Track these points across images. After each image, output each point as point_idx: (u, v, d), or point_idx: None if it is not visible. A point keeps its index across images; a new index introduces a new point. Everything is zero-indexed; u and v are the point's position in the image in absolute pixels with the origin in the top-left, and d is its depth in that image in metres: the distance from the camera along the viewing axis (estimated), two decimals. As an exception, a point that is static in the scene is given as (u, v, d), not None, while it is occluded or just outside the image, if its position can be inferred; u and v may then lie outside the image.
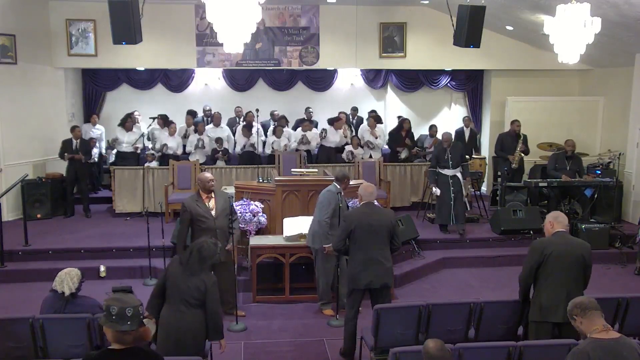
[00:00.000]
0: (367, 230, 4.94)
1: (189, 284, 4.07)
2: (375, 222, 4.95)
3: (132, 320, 2.73)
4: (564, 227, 4.41)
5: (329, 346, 5.50)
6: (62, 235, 8.30)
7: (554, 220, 4.43)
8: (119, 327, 2.73)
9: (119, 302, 2.78)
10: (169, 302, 4.13)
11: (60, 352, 4.23)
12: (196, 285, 4.07)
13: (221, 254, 5.83)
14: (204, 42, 10.37)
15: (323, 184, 7.11)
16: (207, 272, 4.18)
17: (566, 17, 6.25)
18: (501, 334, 4.59)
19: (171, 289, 4.11)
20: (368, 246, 4.95)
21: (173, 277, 4.13)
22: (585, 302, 3.16)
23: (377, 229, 4.95)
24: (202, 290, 4.07)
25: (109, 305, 2.77)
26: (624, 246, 8.22)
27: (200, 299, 4.08)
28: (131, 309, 2.75)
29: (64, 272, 4.35)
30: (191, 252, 4.17)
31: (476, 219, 9.24)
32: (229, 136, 10.26)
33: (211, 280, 4.14)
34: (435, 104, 12.42)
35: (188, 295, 4.06)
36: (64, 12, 10.01)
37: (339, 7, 10.42)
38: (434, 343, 3.14)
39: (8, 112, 9.16)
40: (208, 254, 4.16)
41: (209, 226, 5.78)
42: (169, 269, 4.21)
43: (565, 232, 4.42)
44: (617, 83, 10.10)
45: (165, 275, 4.19)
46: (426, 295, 6.76)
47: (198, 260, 4.13)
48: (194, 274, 4.09)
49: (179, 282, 4.09)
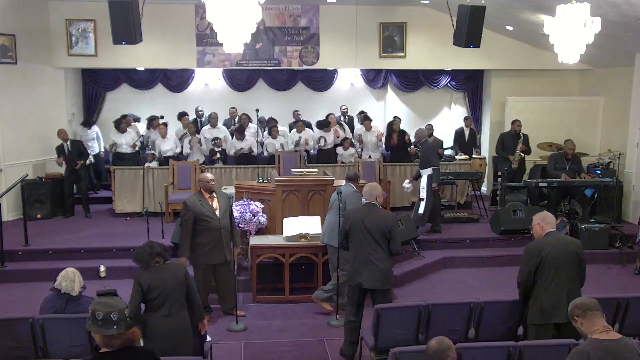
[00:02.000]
0: (361, 230, 4.96)
1: (175, 280, 4.08)
2: (369, 224, 4.94)
3: (118, 324, 2.72)
4: (552, 226, 4.44)
5: (329, 346, 5.50)
6: (62, 235, 8.30)
7: (542, 222, 4.44)
8: (105, 331, 2.71)
9: (104, 306, 2.76)
10: (155, 310, 4.04)
11: (60, 352, 4.23)
12: (180, 278, 4.11)
13: (226, 254, 5.90)
14: (204, 42, 10.37)
15: (323, 184, 7.14)
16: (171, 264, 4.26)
17: (566, 17, 6.25)
18: (501, 334, 4.59)
19: (158, 297, 4.02)
20: (362, 246, 4.96)
21: (156, 284, 4.03)
22: (587, 303, 3.15)
23: (371, 230, 4.94)
24: (184, 279, 4.14)
25: (94, 310, 2.76)
26: (624, 246, 8.21)
27: (185, 290, 4.13)
28: (116, 313, 2.73)
29: (71, 272, 4.36)
30: (148, 255, 4.09)
31: (476, 219, 9.24)
32: (225, 137, 10.24)
33: (184, 266, 4.28)
34: (435, 104, 12.43)
35: (178, 293, 4.09)
36: (64, 12, 10.01)
37: (339, 7, 10.42)
38: (436, 340, 3.15)
39: (8, 112, 9.17)
40: (153, 245, 4.15)
41: (213, 226, 5.79)
42: (144, 284, 4.02)
43: (555, 232, 4.44)
44: (617, 83, 10.10)
45: (142, 292, 4.01)
46: (426, 295, 6.76)
47: (158, 254, 4.12)
48: (144, 265, 4.09)
49: (165, 284, 4.05)
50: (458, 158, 10.54)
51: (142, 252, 4.11)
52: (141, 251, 4.11)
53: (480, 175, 9.71)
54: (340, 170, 9.59)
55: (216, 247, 5.82)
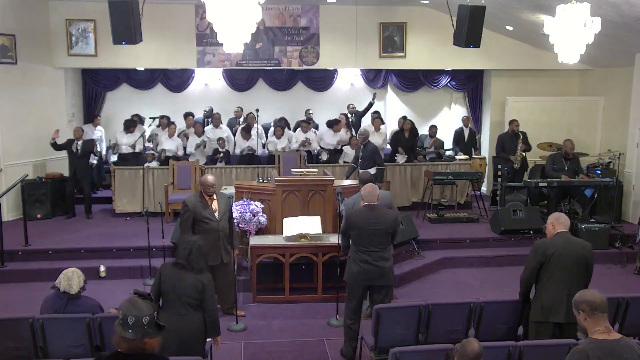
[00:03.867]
0: (365, 232, 4.96)
1: (186, 284, 4.08)
2: (376, 225, 4.97)
3: (133, 329, 2.66)
4: (565, 227, 4.43)
5: (329, 346, 5.50)
6: (62, 235, 8.29)
7: (555, 222, 4.45)
8: (121, 332, 2.69)
9: (128, 306, 2.72)
10: (167, 307, 4.11)
11: (60, 352, 4.23)
12: (193, 285, 4.09)
13: (223, 256, 5.89)
14: (204, 42, 10.37)
15: (323, 184, 7.14)
16: (205, 270, 4.24)
17: (566, 17, 6.25)
18: (501, 334, 4.59)
19: (169, 294, 4.10)
20: (366, 247, 4.97)
21: (169, 281, 4.11)
22: (597, 303, 3.07)
23: (377, 230, 4.97)
24: (199, 288, 4.10)
25: (121, 306, 2.73)
26: (624, 246, 8.22)
27: (197, 298, 4.10)
28: (133, 318, 2.67)
29: (71, 271, 4.36)
30: (191, 250, 4.16)
31: (476, 219, 9.25)
32: (228, 137, 10.25)
33: (207, 278, 4.19)
34: (435, 104, 12.43)
35: (187, 296, 4.07)
36: (64, 12, 10.01)
37: (339, 7, 10.42)
38: (479, 346, 3.16)
39: (8, 112, 9.17)
40: (198, 248, 4.19)
41: (212, 228, 5.79)
42: (163, 274, 4.17)
43: (567, 233, 4.44)
44: (617, 83, 10.10)
45: (160, 281, 4.15)
46: (426, 295, 6.75)
47: (199, 257, 4.16)
48: (197, 272, 4.12)
49: (176, 285, 4.09)
50: (458, 158, 10.54)
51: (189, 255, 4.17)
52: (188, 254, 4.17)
53: (480, 175, 9.71)
54: (340, 171, 9.59)
55: (213, 248, 5.78)
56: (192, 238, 4.31)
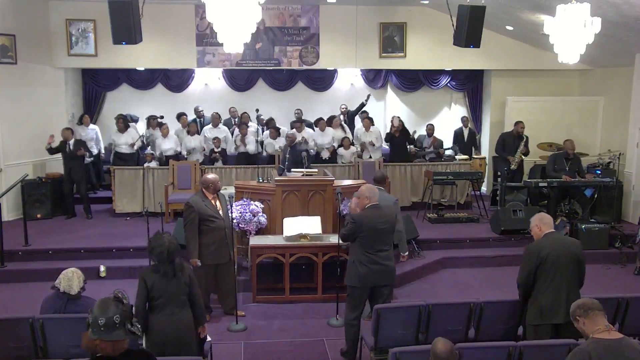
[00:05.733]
0: (374, 233, 4.94)
1: (177, 284, 4.06)
2: (381, 225, 4.97)
3: (113, 329, 2.66)
4: (551, 227, 4.45)
5: (329, 346, 5.50)
6: (62, 235, 8.30)
7: (540, 223, 4.46)
8: (90, 334, 2.66)
9: (97, 308, 2.70)
10: (158, 310, 4.04)
11: (60, 352, 4.23)
12: (183, 283, 4.09)
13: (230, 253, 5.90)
14: (204, 42, 10.37)
15: (323, 184, 7.13)
16: (183, 263, 4.20)
17: (566, 17, 6.25)
18: (501, 334, 4.59)
19: (158, 298, 4.02)
20: (374, 248, 4.95)
21: (157, 287, 4.02)
22: (588, 303, 3.15)
23: (386, 230, 5.00)
24: (188, 282, 4.12)
25: (92, 309, 2.72)
26: (624, 246, 8.22)
27: (187, 293, 4.12)
28: (103, 319, 2.65)
29: (70, 271, 4.35)
30: (168, 251, 4.03)
31: (476, 219, 9.25)
32: (226, 137, 10.24)
33: (188, 269, 4.21)
34: (435, 104, 12.43)
35: (180, 294, 4.07)
36: (64, 12, 10.01)
37: (339, 7, 10.42)
38: (443, 345, 3.17)
39: (8, 112, 9.16)
40: (174, 248, 4.07)
41: (218, 226, 5.82)
42: (148, 281, 4.03)
43: (555, 232, 4.46)
44: (617, 83, 10.10)
45: (146, 289, 4.02)
46: (426, 295, 6.76)
47: (172, 261, 4.06)
48: (180, 269, 4.08)
49: (167, 289, 4.03)
50: (458, 158, 10.54)
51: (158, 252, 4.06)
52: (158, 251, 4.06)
53: (480, 175, 9.72)
54: (340, 171, 9.59)
55: (221, 246, 5.86)
56: (163, 238, 4.10)
